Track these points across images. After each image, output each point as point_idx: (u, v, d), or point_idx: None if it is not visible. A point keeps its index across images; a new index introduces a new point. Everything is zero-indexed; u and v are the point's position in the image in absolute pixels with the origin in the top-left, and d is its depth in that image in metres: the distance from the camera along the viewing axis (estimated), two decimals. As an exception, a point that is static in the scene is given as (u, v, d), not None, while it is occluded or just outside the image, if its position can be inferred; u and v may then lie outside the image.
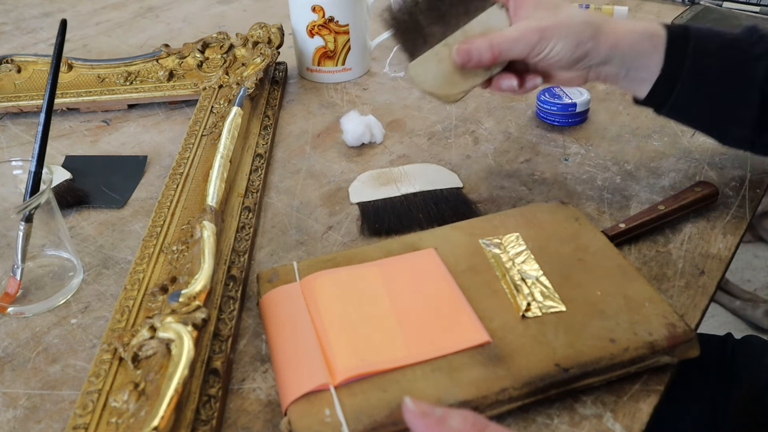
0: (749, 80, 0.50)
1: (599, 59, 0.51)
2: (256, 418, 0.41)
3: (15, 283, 0.49)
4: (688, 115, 0.55)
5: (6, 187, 0.51)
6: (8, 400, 0.42)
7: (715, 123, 0.54)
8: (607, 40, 0.51)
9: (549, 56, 0.51)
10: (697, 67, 0.51)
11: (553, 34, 0.50)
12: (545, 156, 0.64)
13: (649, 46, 0.51)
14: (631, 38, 0.51)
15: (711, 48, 0.51)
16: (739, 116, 0.52)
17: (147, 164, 0.66)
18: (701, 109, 0.53)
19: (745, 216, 0.56)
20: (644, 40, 0.51)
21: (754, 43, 0.51)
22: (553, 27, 0.50)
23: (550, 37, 0.50)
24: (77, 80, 0.77)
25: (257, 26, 0.78)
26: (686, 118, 0.55)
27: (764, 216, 1.64)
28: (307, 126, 0.72)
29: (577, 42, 0.50)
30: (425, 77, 0.54)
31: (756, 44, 0.51)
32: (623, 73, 0.53)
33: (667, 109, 0.53)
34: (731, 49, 0.51)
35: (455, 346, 0.41)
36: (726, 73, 0.51)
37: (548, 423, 0.39)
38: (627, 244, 0.52)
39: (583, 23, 0.50)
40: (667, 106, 0.53)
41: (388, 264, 0.48)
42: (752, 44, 0.51)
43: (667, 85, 0.52)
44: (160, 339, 0.40)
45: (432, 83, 0.54)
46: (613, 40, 0.51)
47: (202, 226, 0.49)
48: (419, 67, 0.53)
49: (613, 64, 0.52)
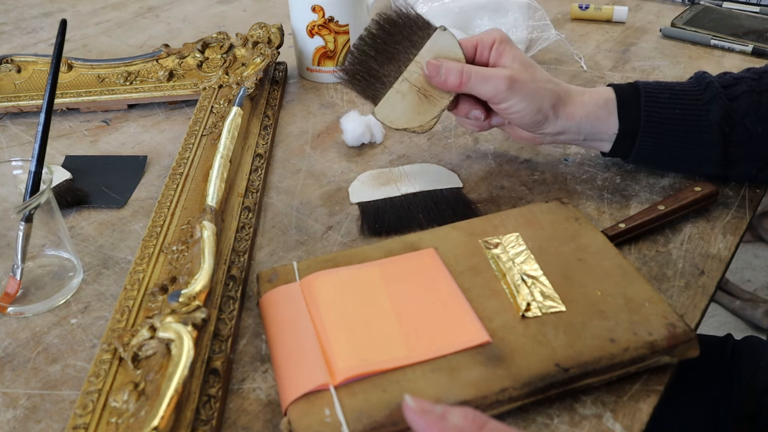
0: (706, 123, 0.53)
1: (555, 130, 0.55)
2: (256, 418, 0.41)
3: (15, 283, 0.49)
4: (655, 161, 0.58)
5: (6, 187, 0.51)
6: (8, 400, 0.42)
7: (682, 165, 0.57)
8: (564, 112, 0.54)
9: (510, 109, 0.53)
10: (652, 118, 0.54)
11: (520, 90, 0.52)
12: (545, 156, 0.64)
13: (604, 113, 0.54)
14: (585, 111, 0.54)
15: (662, 99, 0.54)
16: (704, 156, 0.55)
17: (147, 164, 0.66)
18: (665, 155, 0.56)
19: (745, 216, 0.56)
20: (599, 110, 0.54)
21: (702, 90, 0.54)
22: (523, 82, 0.52)
23: (517, 91, 0.52)
24: (77, 80, 0.77)
25: (257, 26, 0.78)
26: (653, 164, 0.59)
27: (764, 216, 1.64)
28: (307, 126, 0.72)
29: (538, 107, 0.53)
30: (394, 116, 0.55)
31: (704, 91, 0.54)
32: (581, 139, 0.56)
33: (632, 159, 0.57)
34: (682, 98, 0.54)
35: (455, 346, 0.41)
36: (681, 120, 0.54)
37: (548, 423, 0.39)
38: (627, 244, 0.52)
39: (549, 91, 0.53)
40: (631, 157, 0.56)
41: (388, 264, 0.48)
42: (701, 91, 0.54)
43: (627, 140, 0.55)
44: (160, 339, 0.40)
45: (403, 119, 0.55)
46: (570, 113, 0.54)
47: (202, 226, 0.49)
48: (386, 109, 0.55)
49: (570, 133, 0.55)
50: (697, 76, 0.56)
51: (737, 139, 0.53)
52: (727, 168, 0.55)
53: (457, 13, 0.84)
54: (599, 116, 0.54)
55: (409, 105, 0.55)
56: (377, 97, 0.55)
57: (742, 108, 0.53)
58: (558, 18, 0.98)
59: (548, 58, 0.85)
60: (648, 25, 0.94)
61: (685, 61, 0.84)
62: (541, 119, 0.53)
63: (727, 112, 0.52)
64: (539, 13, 0.85)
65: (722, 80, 0.55)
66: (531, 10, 0.85)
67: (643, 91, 0.54)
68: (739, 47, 0.85)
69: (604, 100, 0.54)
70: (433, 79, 0.53)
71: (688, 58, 0.84)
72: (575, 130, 0.55)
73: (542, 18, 0.85)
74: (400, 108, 0.55)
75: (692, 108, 0.53)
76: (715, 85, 0.54)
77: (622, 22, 0.95)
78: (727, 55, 0.85)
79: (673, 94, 0.54)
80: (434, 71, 0.53)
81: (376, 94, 0.55)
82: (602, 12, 0.95)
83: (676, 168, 0.59)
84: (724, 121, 0.52)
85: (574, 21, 0.97)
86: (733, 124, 0.53)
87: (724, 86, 0.54)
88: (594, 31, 0.93)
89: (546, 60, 0.84)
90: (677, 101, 0.54)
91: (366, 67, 0.55)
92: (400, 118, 0.55)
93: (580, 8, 0.96)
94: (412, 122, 0.55)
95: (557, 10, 1.00)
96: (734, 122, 0.53)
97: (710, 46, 0.87)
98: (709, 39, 0.87)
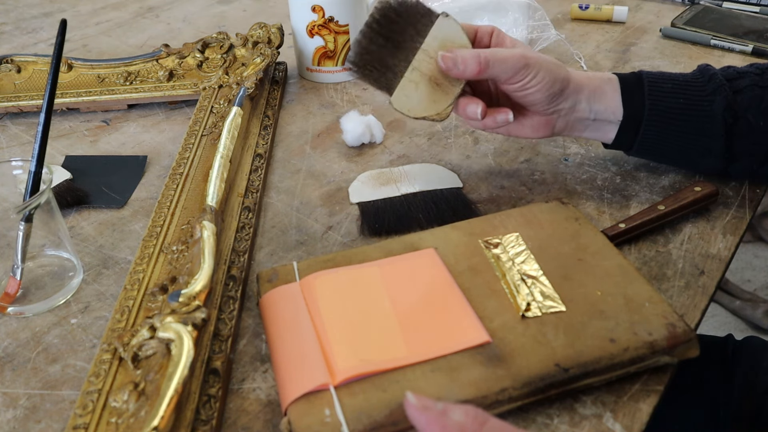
0: (709, 115, 0.53)
1: (569, 104, 0.54)
2: (256, 418, 0.41)
3: (15, 283, 0.49)
4: (657, 153, 0.58)
5: (6, 187, 0.51)
6: (8, 400, 0.42)
7: (685, 157, 0.57)
8: (573, 83, 0.54)
9: (529, 84, 0.52)
10: (657, 106, 0.54)
11: (535, 63, 0.52)
12: (545, 156, 0.64)
13: (609, 89, 0.55)
14: (592, 83, 0.54)
15: (666, 88, 0.54)
16: (707, 148, 0.55)
17: (147, 164, 0.66)
18: (669, 146, 0.56)
19: (745, 216, 0.56)
20: (604, 84, 0.55)
21: (706, 81, 0.54)
22: (535, 59, 0.52)
23: (533, 65, 0.52)
24: (77, 80, 0.77)
25: (257, 26, 0.78)
26: (656, 155, 0.58)
27: (764, 216, 1.64)
28: (307, 126, 0.72)
29: (554, 77, 0.53)
30: (411, 105, 0.55)
31: (708, 83, 0.54)
32: (591, 118, 0.55)
33: (635, 150, 0.57)
34: (686, 90, 0.54)
35: (455, 346, 0.41)
36: (685, 111, 0.54)
37: (548, 423, 0.39)
38: (627, 244, 0.52)
39: (556, 64, 0.53)
40: (635, 147, 0.56)
41: (388, 264, 0.48)
42: (705, 83, 0.54)
43: (632, 126, 0.55)
44: (160, 339, 0.40)
45: (420, 108, 0.55)
46: (577, 84, 0.54)
47: (202, 226, 0.49)
48: (401, 99, 0.55)
49: (580, 109, 0.55)
50: (700, 68, 0.56)
51: (739, 131, 0.53)
52: (728, 162, 0.55)
53: (457, 13, 0.84)
54: (605, 91, 0.54)
55: (423, 94, 0.54)
56: (391, 87, 0.54)
57: (745, 101, 0.53)
58: (558, 18, 0.98)
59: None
60: (648, 25, 0.94)
61: (685, 61, 0.84)
62: (557, 91, 0.53)
63: (731, 103, 0.53)
64: (539, 13, 0.85)
65: (726, 73, 0.55)
66: (531, 10, 0.85)
67: (647, 80, 0.54)
68: (739, 47, 0.85)
69: (607, 77, 0.55)
70: (451, 71, 0.52)
71: (688, 58, 0.84)
72: (586, 102, 0.54)
73: (542, 18, 0.85)
74: (415, 97, 0.54)
75: (696, 98, 0.54)
76: (719, 77, 0.54)
77: (622, 22, 0.95)
78: (727, 55, 0.85)
79: (677, 84, 0.54)
80: (451, 64, 0.52)
81: (389, 84, 0.54)
82: (602, 12, 0.95)
83: (678, 161, 0.58)
84: (728, 112, 0.53)
85: (574, 21, 0.97)
86: (736, 116, 0.53)
87: (728, 79, 0.54)
88: (594, 31, 0.93)
89: (546, 60, 0.84)
90: (681, 91, 0.54)
91: (376, 56, 0.54)
92: (416, 107, 0.54)
93: (580, 8, 0.96)
94: (429, 110, 0.55)
95: (557, 10, 1.00)
96: (737, 115, 0.53)
97: (710, 46, 0.87)
98: (709, 39, 0.87)
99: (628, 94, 0.54)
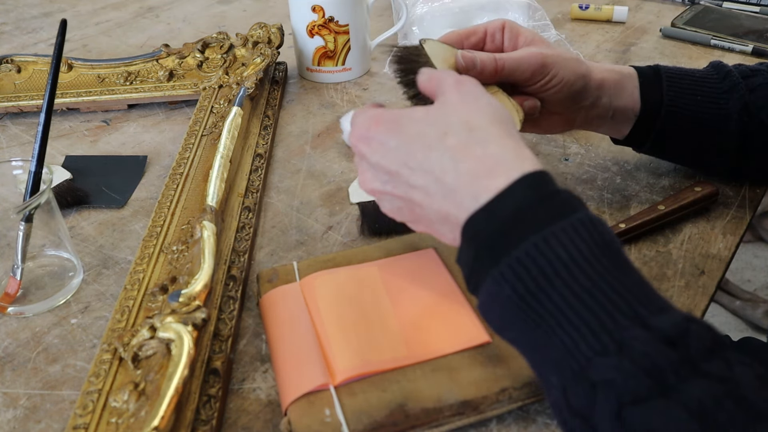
0: (725, 113, 0.53)
1: (590, 100, 0.53)
2: (256, 418, 0.41)
3: (15, 283, 0.49)
4: (670, 150, 0.57)
5: (6, 187, 0.51)
6: (8, 400, 0.42)
7: (697, 155, 0.56)
8: (595, 78, 0.52)
9: (550, 83, 0.51)
10: (674, 103, 0.53)
11: (554, 61, 0.50)
12: (545, 156, 0.64)
13: (629, 84, 0.54)
14: (613, 77, 0.53)
15: (684, 84, 0.54)
16: (721, 146, 0.54)
17: (147, 164, 0.66)
18: (683, 143, 0.55)
19: (745, 216, 0.56)
20: (624, 79, 0.54)
21: (721, 79, 0.54)
22: (553, 56, 0.50)
23: (551, 64, 0.50)
24: (77, 80, 0.77)
25: (257, 26, 0.78)
26: (667, 153, 0.58)
27: (764, 216, 1.64)
28: (307, 126, 0.72)
29: (576, 73, 0.51)
30: None
31: (723, 80, 0.54)
32: (610, 114, 0.54)
33: (648, 147, 0.56)
34: (702, 86, 0.54)
35: (455, 346, 0.41)
36: (701, 108, 0.53)
37: (548, 423, 0.39)
38: (627, 244, 0.52)
39: (576, 60, 0.52)
40: (648, 143, 0.55)
41: (388, 264, 0.48)
42: (720, 80, 0.54)
43: (648, 122, 0.54)
44: (160, 339, 0.40)
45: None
46: (599, 79, 0.53)
47: (202, 226, 0.49)
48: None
49: (601, 105, 0.53)
50: (713, 64, 0.56)
51: (754, 129, 0.53)
52: (741, 161, 0.55)
53: (457, 13, 0.84)
54: (625, 86, 0.53)
55: None
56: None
57: (759, 101, 0.53)
58: (558, 18, 0.98)
59: (548, 58, 0.84)
60: (648, 25, 0.94)
61: (685, 61, 0.84)
62: (580, 87, 0.52)
63: (746, 103, 0.53)
64: (539, 13, 0.85)
65: (740, 70, 0.54)
66: (531, 10, 0.85)
67: (665, 76, 0.54)
68: (739, 47, 0.85)
69: (627, 72, 0.54)
70: (470, 71, 0.52)
71: (688, 58, 0.84)
72: (607, 98, 0.53)
73: (542, 18, 0.85)
74: None
75: (712, 96, 0.53)
76: (735, 74, 0.54)
77: (622, 22, 0.95)
78: (727, 55, 0.85)
79: (694, 80, 0.54)
80: (470, 63, 0.51)
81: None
82: (602, 12, 0.95)
83: (691, 159, 0.58)
84: (744, 110, 0.52)
85: (574, 21, 0.97)
86: (750, 115, 0.53)
87: (743, 76, 0.54)
88: (594, 31, 0.93)
89: (546, 60, 0.84)
90: (698, 88, 0.53)
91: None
92: None
93: (580, 8, 0.96)
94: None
95: (557, 10, 1.00)
96: (751, 113, 0.53)
97: (710, 46, 0.87)
98: (709, 39, 0.87)
99: (647, 89, 0.53)
